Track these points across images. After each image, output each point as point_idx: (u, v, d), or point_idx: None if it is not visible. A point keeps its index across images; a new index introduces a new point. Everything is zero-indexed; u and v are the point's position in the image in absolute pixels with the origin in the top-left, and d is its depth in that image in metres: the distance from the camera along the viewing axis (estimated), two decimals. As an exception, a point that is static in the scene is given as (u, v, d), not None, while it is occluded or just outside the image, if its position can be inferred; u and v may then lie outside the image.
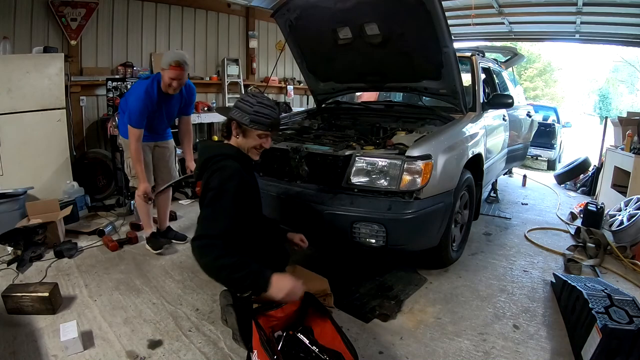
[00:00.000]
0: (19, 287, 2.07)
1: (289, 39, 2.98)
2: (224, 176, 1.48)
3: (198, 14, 5.32)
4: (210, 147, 1.68)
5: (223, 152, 1.59)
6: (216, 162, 1.55)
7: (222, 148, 1.63)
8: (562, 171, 5.62)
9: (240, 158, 1.60)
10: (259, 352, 1.30)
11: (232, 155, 1.58)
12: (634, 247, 2.87)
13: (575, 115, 19.01)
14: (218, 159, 1.55)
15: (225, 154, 1.57)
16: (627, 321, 1.62)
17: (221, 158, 1.55)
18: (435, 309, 2.14)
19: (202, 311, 2.07)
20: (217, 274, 1.40)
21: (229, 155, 1.57)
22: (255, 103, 1.58)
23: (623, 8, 4.57)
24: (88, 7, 4.12)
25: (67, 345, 1.69)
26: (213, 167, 1.54)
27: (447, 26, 2.23)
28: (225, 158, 1.55)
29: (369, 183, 2.09)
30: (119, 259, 2.66)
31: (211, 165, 1.55)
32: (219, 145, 1.68)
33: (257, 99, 1.59)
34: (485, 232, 3.31)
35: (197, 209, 3.74)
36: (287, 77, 6.65)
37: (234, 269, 1.33)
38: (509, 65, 4.63)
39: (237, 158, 1.58)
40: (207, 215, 1.47)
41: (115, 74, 4.41)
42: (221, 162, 1.54)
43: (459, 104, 2.68)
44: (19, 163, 3.22)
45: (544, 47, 22.49)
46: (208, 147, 1.69)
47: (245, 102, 1.59)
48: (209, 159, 1.57)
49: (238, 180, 1.50)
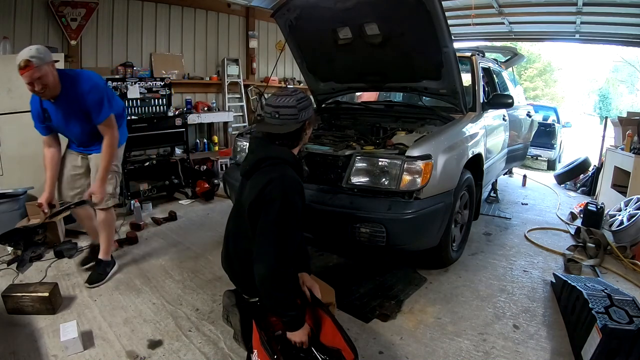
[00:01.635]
0: (19, 287, 2.07)
1: (289, 39, 2.98)
2: (288, 187, 1.32)
3: (198, 14, 5.32)
4: (267, 146, 1.46)
5: (282, 156, 1.40)
6: (273, 165, 1.37)
7: (279, 151, 1.42)
8: (562, 171, 5.62)
9: (297, 166, 1.44)
10: (259, 351, 1.30)
11: (291, 162, 1.41)
12: (634, 247, 2.87)
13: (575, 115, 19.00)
14: (276, 162, 1.38)
15: (284, 159, 1.40)
16: (627, 321, 1.62)
17: (279, 162, 1.39)
18: (435, 309, 2.14)
19: (202, 311, 2.07)
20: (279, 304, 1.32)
21: (288, 162, 1.40)
22: (304, 96, 1.45)
23: (623, 8, 4.57)
24: (88, 7, 4.12)
25: (67, 345, 1.69)
26: (271, 173, 1.34)
27: (447, 26, 2.23)
28: (283, 163, 1.39)
29: (369, 183, 2.09)
30: (119, 259, 2.66)
31: (266, 168, 1.37)
32: (275, 147, 1.44)
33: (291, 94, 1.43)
34: (485, 232, 3.31)
35: (197, 209, 3.80)
36: (287, 77, 6.65)
37: (288, 306, 1.31)
38: (509, 65, 4.63)
39: (295, 166, 1.42)
40: (276, 235, 1.28)
41: (115, 74, 4.41)
42: (279, 167, 1.36)
43: (459, 104, 2.68)
44: (18, 163, 3.22)
45: (544, 47, 22.49)
46: (264, 145, 1.47)
47: (301, 99, 1.42)
48: (264, 159, 1.40)
49: (301, 193, 1.37)
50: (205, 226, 3.35)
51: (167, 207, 3.76)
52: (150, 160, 3.98)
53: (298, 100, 1.41)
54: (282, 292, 1.29)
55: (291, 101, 1.40)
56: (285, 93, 1.43)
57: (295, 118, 1.40)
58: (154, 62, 4.87)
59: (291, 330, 1.33)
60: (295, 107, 1.39)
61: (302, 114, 1.41)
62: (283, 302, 1.30)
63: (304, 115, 1.42)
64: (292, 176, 1.36)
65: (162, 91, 4.01)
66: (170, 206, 3.83)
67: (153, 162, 3.98)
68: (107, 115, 2.15)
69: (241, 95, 5.89)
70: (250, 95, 6.12)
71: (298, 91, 1.45)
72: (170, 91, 4.11)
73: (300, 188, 1.37)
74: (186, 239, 3.05)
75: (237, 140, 2.84)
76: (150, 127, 3.81)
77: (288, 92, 1.43)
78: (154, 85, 3.96)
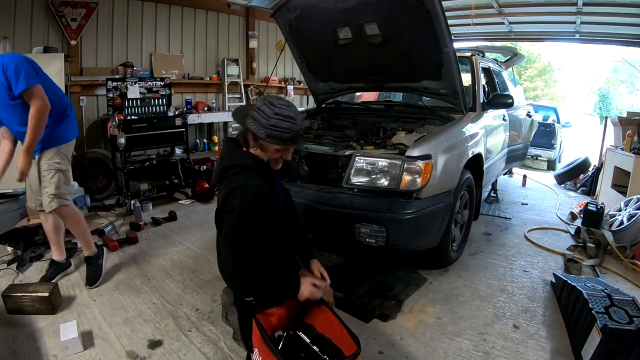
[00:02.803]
0: (19, 287, 2.07)
1: (289, 39, 2.98)
2: (246, 198, 1.35)
3: (198, 14, 5.32)
4: (230, 153, 1.51)
5: (242, 162, 1.44)
6: (235, 173, 1.42)
7: (242, 157, 1.46)
8: (562, 171, 5.62)
9: (260, 169, 1.45)
10: (260, 349, 1.30)
11: (252, 167, 1.44)
12: (634, 247, 2.87)
13: (575, 115, 19.01)
14: (237, 170, 1.42)
15: (245, 165, 1.43)
16: (627, 321, 1.62)
17: (240, 169, 1.42)
18: (435, 309, 2.14)
19: (202, 311, 2.07)
20: (252, 294, 1.45)
21: (249, 167, 1.43)
22: (271, 115, 1.37)
23: (623, 8, 4.57)
24: (88, 7, 4.11)
25: (67, 345, 1.69)
26: (233, 182, 1.40)
27: (447, 26, 2.23)
28: (244, 170, 1.42)
29: (369, 183, 2.09)
30: (119, 259, 2.66)
31: (230, 177, 1.42)
32: (239, 153, 1.49)
33: (274, 110, 1.37)
34: (485, 232, 3.31)
35: (197, 209, 3.80)
36: (287, 77, 6.65)
37: (267, 289, 1.40)
38: (509, 65, 4.64)
39: (258, 170, 1.44)
40: (232, 240, 1.37)
41: (115, 74, 4.40)
42: (241, 175, 1.40)
43: (459, 104, 2.68)
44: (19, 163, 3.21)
45: (544, 47, 22.50)
46: (229, 153, 1.52)
47: (261, 112, 1.38)
48: (227, 167, 1.45)
49: (260, 201, 1.39)
50: (205, 226, 3.35)
51: (167, 207, 3.77)
52: (150, 160, 3.98)
53: (256, 108, 1.40)
54: (249, 279, 1.37)
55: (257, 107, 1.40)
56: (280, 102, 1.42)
57: (248, 122, 1.40)
58: (154, 62, 4.87)
59: (294, 296, 1.40)
60: (251, 112, 1.40)
61: (250, 121, 1.40)
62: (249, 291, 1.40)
63: (250, 124, 1.40)
64: (253, 185, 1.39)
65: (162, 91, 4.01)
66: (170, 206, 3.84)
67: (153, 162, 3.99)
68: (28, 85, 1.97)
69: (241, 95, 5.88)
70: (250, 95, 6.12)
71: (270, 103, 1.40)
72: (170, 91, 4.10)
73: (260, 197, 1.40)
74: (186, 239, 3.05)
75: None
76: (150, 127, 3.81)
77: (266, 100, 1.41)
78: (154, 85, 3.95)
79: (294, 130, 1.40)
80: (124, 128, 3.55)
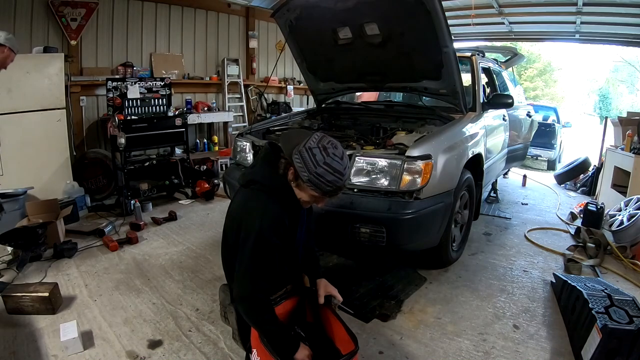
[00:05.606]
0: (19, 287, 2.07)
1: (289, 39, 2.98)
2: (265, 224, 1.30)
3: (198, 14, 5.32)
4: (268, 168, 1.41)
5: (271, 182, 1.37)
6: (259, 191, 1.37)
7: (275, 181, 1.38)
8: (562, 171, 5.62)
9: (285, 197, 1.37)
10: (258, 350, 1.30)
11: (278, 193, 1.36)
12: (634, 247, 2.87)
13: (575, 115, 18.99)
14: (262, 189, 1.37)
15: (271, 187, 1.37)
16: (627, 321, 1.62)
17: (266, 189, 1.36)
18: (435, 309, 2.14)
19: (202, 311, 2.07)
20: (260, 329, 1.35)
21: (274, 191, 1.36)
22: (321, 163, 1.26)
23: (623, 8, 4.57)
24: (88, 7, 4.12)
25: (67, 345, 1.69)
26: (255, 199, 1.36)
27: (447, 26, 2.23)
28: (269, 191, 1.36)
29: (369, 183, 2.09)
30: (119, 259, 2.66)
31: (254, 192, 1.38)
32: (271, 171, 1.40)
33: (325, 159, 1.26)
34: (485, 232, 3.31)
35: (197, 209, 3.80)
36: (287, 77, 6.66)
37: (275, 334, 1.32)
38: (509, 65, 4.63)
39: (283, 197, 1.37)
40: (248, 268, 1.32)
41: (115, 74, 4.41)
42: (264, 197, 1.35)
43: (459, 104, 2.68)
44: (18, 163, 3.22)
45: (544, 47, 22.46)
46: (266, 167, 1.42)
47: (312, 155, 1.27)
48: (253, 181, 1.39)
49: (278, 230, 1.34)
50: (205, 226, 3.35)
51: (167, 207, 3.77)
52: (150, 160, 3.98)
53: (308, 148, 1.28)
54: (255, 317, 1.32)
55: (309, 147, 1.28)
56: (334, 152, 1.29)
57: (294, 156, 1.30)
58: (154, 62, 4.87)
59: (292, 353, 1.31)
60: (300, 149, 1.29)
61: (297, 156, 1.29)
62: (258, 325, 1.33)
63: (296, 160, 1.29)
64: (274, 211, 1.33)
65: (162, 91, 4.00)
66: (170, 206, 3.84)
67: (153, 162, 3.98)
68: None
69: (241, 95, 5.89)
70: (250, 95, 6.13)
71: (325, 150, 1.28)
72: (170, 91, 4.10)
73: (278, 228, 1.33)
74: (186, 239, 3.05)
75: (237, 140, 2.84)
76: (150, 127, 3.81)
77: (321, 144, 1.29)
78: (154, 85, 3.95)
79: (338, 185, 1.31)
80: (124, 128, 3.55)
